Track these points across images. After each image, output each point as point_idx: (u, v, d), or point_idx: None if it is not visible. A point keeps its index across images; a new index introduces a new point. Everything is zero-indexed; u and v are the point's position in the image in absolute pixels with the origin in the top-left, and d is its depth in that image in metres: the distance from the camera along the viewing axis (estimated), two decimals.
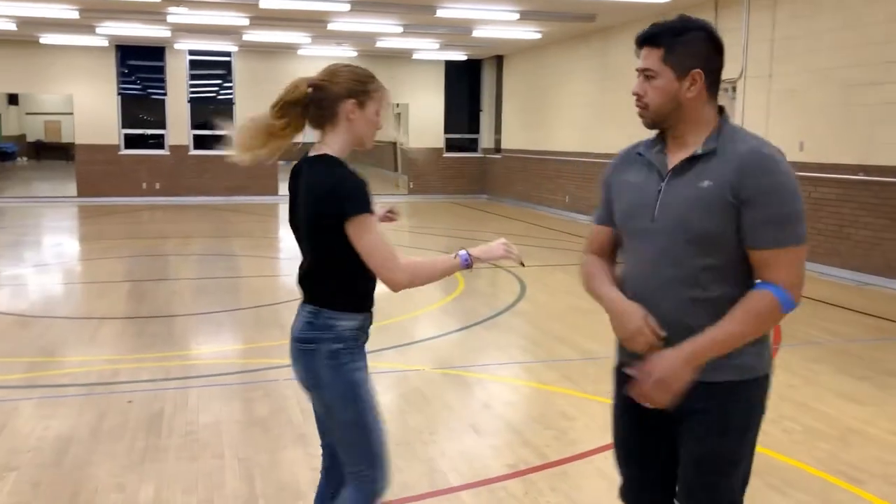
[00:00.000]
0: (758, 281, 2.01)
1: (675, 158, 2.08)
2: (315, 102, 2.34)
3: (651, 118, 2.09)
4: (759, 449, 3.98)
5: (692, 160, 2.04)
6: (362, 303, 2.42)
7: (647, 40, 2.07)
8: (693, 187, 2.01)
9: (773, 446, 4.10)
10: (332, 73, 2.36)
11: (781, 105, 9.78)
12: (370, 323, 2.48)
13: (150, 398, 4.77)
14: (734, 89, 10.52)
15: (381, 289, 2.39)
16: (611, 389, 2.31)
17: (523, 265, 2.48)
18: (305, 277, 2.44)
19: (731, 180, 1.96)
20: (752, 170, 1.95)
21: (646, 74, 2.06)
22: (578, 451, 4.05)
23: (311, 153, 2.37)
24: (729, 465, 2.11)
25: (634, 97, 2.10)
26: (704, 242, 1.99)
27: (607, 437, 4.17)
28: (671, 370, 1.97)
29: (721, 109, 2.10)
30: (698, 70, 2.02)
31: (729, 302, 2.00)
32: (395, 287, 2.29)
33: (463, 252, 2.39)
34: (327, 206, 2.25)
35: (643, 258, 2.10)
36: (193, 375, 5.26)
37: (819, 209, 9.25)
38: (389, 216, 2.77)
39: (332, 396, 2.40)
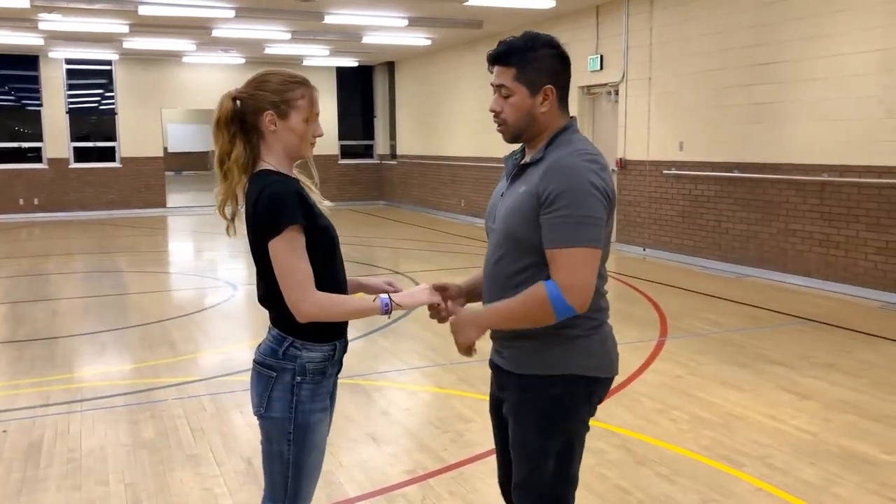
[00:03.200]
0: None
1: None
2: (240, 116, 2.23)
3: (510, 133, 2.19)
4: (648, 440, 4.17)
5: (524, 167, 2.18)
6: (332, 330, 2.27)
7: (498, 59, 2.16)
8: (515, 192, 2.16)
9: (661, 436, 4.26)
10: (255, 82, 2.25)
11: (661, 107, 10.21)
12: (344, 350, 2.35)
13: (27, 426, 4.51)
14: (616, 93, 10.90)
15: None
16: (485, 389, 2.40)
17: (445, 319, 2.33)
18: (264, 301, 2.28)
19: (536, 186, 2.07)
20: (551, 175, 2.06)
21: (501, 92, 2.15)
22: (475, 452, 4.08)
23: (254, 171, 2.25)
24: (532, 458, 2.17)
25: (493, 114, 2.19)
26: (519, 244, 2.12)
27: None
28: (459, 325, 2.19)
29: (572, 119, 2.21)
30: (550, 86, 2.13)
31: None
32: (299, 317, 2.16)
33: (384, 297, 2.26)
34: (257, 232, 2.16)
35: (486, 256, 2.29)
36: (76, 399, 5.01)
37: (699, 205, 9.70)
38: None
39: (277, 431, 2.25)
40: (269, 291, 2.24)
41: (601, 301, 2.18)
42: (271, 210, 2.12)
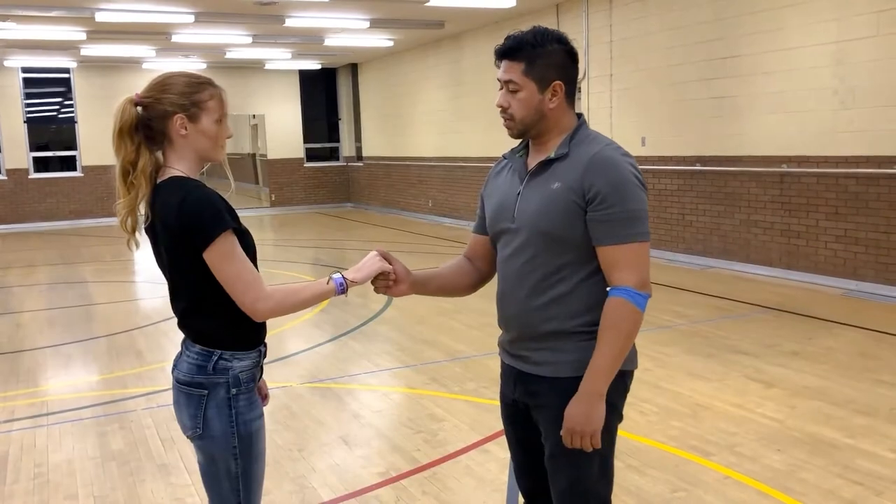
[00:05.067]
0: (609, 287, 2.04)
1: (534, 162, 2.15)
2: (144, 123, 2.11)
3: (518, 129, 2.14)
4: (618, 432, 4.21)
5: (546, 164, 2.11)
6: (258, 335, 2.19)
7: (506, 54, 2.10)
8: (545, 189, 2.09)
9: (630, 429, 4.30)
10: (159, 86, 2.13)
11: (623, 103, 10.31)
12: (265, 354, 2.27)
13: None
14: (579, 90, 10.99)
15: None
16: (476, 388, 2.36)
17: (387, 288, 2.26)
18: (186, 316, 2.17)
19: (576, 182, 2.03)
20: (595, 171, 2.01)
21: (509, 87, 2.10)
22: (447, 451, 4.10)
23: (160, 179, 2.12)
24: (578, 461, 2.10)
25: (499, 109, 2.13)
26: (557, 242, 2.07)
27: (474, 436, 4.28)
28: (580, 419, 2.03)
29: (579, 116, 2.18)
30: (559, 82, 2.09)
31: (578, 299, 2.08)
32: (257, 317, 2.09)
33: (337, 276, 2.14)
34: (182, 242, 2.04)
35: (504, 256, 2.20)
36: (42, 413, 4.93)
37: (663, 199, 9.81)
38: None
39: (220, 449, 2.15)
40: (195, 304, 2.14)
41: None
42: (204, 217, 2.02)
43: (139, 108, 2.14)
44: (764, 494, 3.50)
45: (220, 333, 2.13)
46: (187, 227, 2.03)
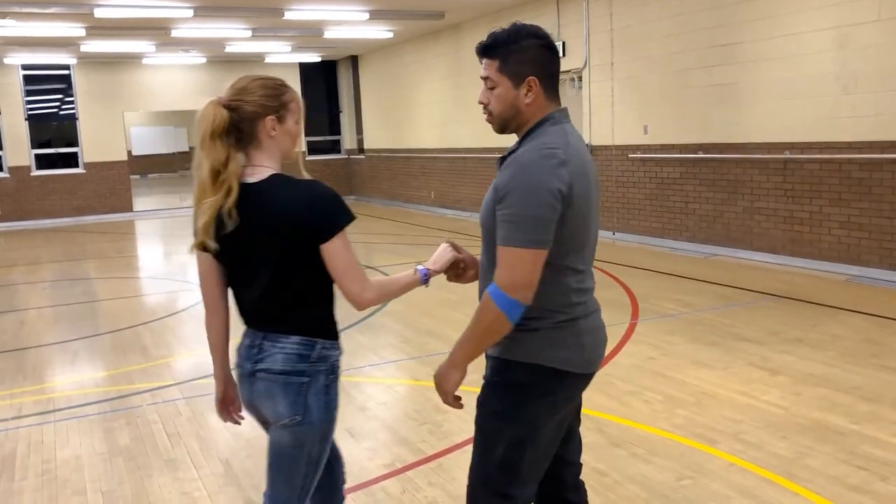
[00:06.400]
0: None
1: None
2: (234, 125, 2.17)
3: (497, 124, 2.19)
4: (623, 422, 4.23)
5: (503, 160, 2.17)
6: (337, 326, 2.33)
7: (484, 51, 2.15)
8: (491, 185, 2.16)
9: (635, 417, 4.31)
10: (243, 90, 2.19)
11: (624, 92, 10.28)
12: None
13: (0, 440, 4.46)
14: (580, 79, 10.95)
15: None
16: (479, 379, 2.36)
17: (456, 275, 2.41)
18: (289, 309, 2.23)
19: (499, 181, 2.08)
20: (507, 171, 2.05)
21: (487, 84, 2.15)
22: (453, 442, 4.11)
23: (252, 178, 2.17)
24: (483, 441, 2.19)
25: (481, 105, 2.19)
26: (489, 235, 2.13)
27: None
28: (439, 375, 2.17)
29: (562, 110, 2.16)
30: (533, 77, 2.10)
31: None
32: (362, 305, 2.22)
33: (421, 268, 2.32)
34: (302, 234, 2.13)
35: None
36: (49, 410, 4.95)
37: (665, 188, 9.80)
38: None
39: (314, 434, 2.25)
40: (302, 297, 2.22)
41: (572, 296, 2.12)
42: (336, 208, 2.17)
43: (229, 112, 2.19)
44: (770, 481, 3.51)
45: (324, 324, 2.27)
46: (315, 219, 2.14)
